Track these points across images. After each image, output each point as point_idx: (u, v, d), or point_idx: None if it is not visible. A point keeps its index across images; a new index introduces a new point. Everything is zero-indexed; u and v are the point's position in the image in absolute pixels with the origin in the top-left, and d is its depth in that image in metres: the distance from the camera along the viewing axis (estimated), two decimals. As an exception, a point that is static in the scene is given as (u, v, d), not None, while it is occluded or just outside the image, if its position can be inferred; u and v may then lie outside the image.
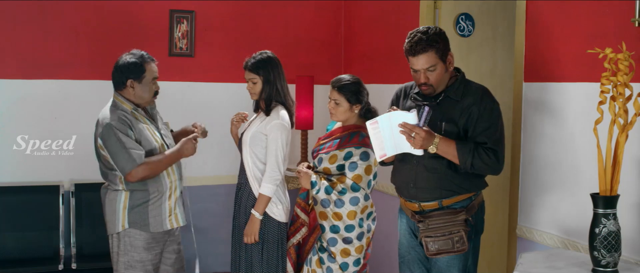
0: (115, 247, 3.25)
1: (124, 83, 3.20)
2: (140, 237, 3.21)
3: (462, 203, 2.83)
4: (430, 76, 2.78)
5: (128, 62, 3.20)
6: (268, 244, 3.38)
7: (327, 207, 3.17)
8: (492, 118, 2.76)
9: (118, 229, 3.20)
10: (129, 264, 3.22)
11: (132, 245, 3.21)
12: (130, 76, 3.19)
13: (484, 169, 2.74)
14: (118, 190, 3.20)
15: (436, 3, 4.05)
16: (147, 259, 3.24)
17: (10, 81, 4.36)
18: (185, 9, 4.71)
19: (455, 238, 2.75)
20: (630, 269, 2.49)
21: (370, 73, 4.60)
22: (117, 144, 3.09)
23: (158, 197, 3.22)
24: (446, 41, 2.80)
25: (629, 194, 2.60)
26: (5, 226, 4.27)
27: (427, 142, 2.70)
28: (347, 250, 3.18)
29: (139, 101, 3.25)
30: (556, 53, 3.03)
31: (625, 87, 2.37)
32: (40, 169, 4.43)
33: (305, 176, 3.23)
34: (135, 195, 3.19)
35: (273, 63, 3.40)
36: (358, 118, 3.27)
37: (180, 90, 4.72)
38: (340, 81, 3.24)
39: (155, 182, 3.20)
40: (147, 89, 3.24)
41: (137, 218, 3.19)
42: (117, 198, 3.19)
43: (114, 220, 3.20)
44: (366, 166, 3.16)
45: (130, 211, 3.18)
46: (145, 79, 3.22)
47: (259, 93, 3.40)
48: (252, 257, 3.39)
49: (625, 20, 2.61)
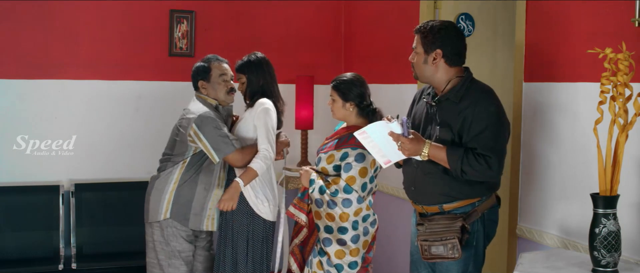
0: (157, 236, 3.40)
1: (197, 85, 3.52)
2: (181, 228, 3.38)
3: (464, 209, 2.78)
4: (413, 56, 2.84)
5: (196, 66, 3.54)
6: (254, 241, 3.46)
7: (321, 207, 3.16)
8: (485, 123, 2.66)
9: (159, 217, 3.37)
10: (172, 254, 3.39)
11: (174, 235, 3.37)
12: (199, 77, 3.51)
13: (475, 176, 2.66)
14: (170, 180, 3.40)
15: (436, 3, 4.05)
16: (188, 250, 3.43)
17: (10, 81, 4.37)
18: (185, 9, 4.71)
19: (449, 245, 2.69)
20: (630, 269, 2.49)
21: (370, 73, 4.59)
22: (214, 131, 3.32)
23: (204, 195, 3.41)
24: (440, 38, 2.76)
25: (629, 194, 2.60)
26: (5, 227, 4.27)
27: (415, 150, 2.70)
28: (341, 251, 3.14)
29: (216, 99, 3.50)
30: (556, 53, 3.02)
31: (625, 87, 2.37)
32: (40, 169, 4.43)
33: (305, 174, 3.23)
34: (183, 187, 3.38)
35: (259, 63, 3.56)
36: (359, 118, 3.24)
37: (180, 90, 4.71)
38: (336, 79, 3.25)
39: (206, 177, 3.41)
40: (218, 87, 3.50)
41: (179, 211, 3.37)
42: (165, 189, 3.39)
43: (157, 208, 3.39)
44: (361, 168, 3.12)
45: (175, 203, 3.37)
46: (213, 77, 3.49)
47: (244, 91, 3.58)
48: (237, 255, 3.45)
49: (625, 20, 2.61)
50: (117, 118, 4.62)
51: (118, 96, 4.61)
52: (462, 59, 2.84)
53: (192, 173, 3.41)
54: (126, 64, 4.62)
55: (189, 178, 3.40)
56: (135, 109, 4.65)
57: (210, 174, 3.43)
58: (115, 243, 4.44)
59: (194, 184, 3.40)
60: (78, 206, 4.42)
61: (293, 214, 3.30)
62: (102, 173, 4.58)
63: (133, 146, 4.65)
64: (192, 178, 3.40)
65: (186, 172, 3.40)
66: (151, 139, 4.68)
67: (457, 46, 2.80)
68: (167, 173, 3.43)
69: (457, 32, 2.83)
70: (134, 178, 4.61)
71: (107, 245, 4.43)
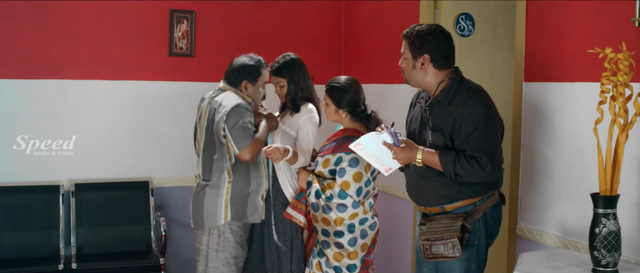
0: (213, 244, 3.36)
1: (239, 83, 3.40)
2: (238, 232, 3.36)
3: (465, 209, 2.77)
4: (402, 62, 2.84)
5: (246, 65, 3.41)
6: (298, 240, 3.41)
7: (317, 211, 3.15)
8: (474, 124, 2.63)
9: (219, 222, 3.32)
10: (227, 260, 3.36)
11: (229, 240, 3.34)
12: (246, 77, 3.40)
13: (469, 178, 2.65)
14: (221, 183, 3.33)
15: (436, 3, 4.05)
16: (241, 255, 3.42)
17: (10, 81, 4.36)
18: (185, 9, 4.71)
19: (449, 244, 2.69)
20: (630, 269, 2.49)
21: (370, 73, 4.61)
22: (240, 123, 3.22)
23: (256, 189, 3.37)
24: (427, 42, 2.74)
25: (629, 194, 2.60)
26: (5, 227, 4.27)
27: (408, 157, 2.71)
28: (339, 254, 3.13)
29: (252, 99, 3.43)
30: (556, 53, 3.02)
31: (625, 87, 2.37)
32: (40, 169, 4.43)
33: (302, 175, 3.22)
34: (238, 186, 3.34)
35: (296, 64, 3.47)
36: (353, 123, 3.21)
37: (180, 90, 4.72)
38: (330, 82, 3.23)
39: (256, 173, 3.36)
40: (258, 92, 3.45)
41: (239, 210, 3.34)
42: (219, 192, 3.33)
43: (215, 214, 3.33)
44: (355, 173, 3.09)
45: (233, 204, 3.32)
46: (258, 83, 3.43)
47: (286, 95, 3.47)
48: (280, 257, 3.40)
49: (625, 20, 2.61)
50: (117, 118, 4.62)
51: (118, 96, 4.61)
52: (451, 61, 2.81)
53: (243, 171, 3.34)
54: (126, 64, 4.62)
55: (241, 177, 3.34)
56: (135, 109, 4.65)
57: (257, 168, 3.37)
58: (115, 243, 4.44)
59: (247, 183, 3.34)
60: (78, 206, 4.42)
61: (291, 215, 3.28)
62: (102, 173, 4.58)
63: (133, 146, 4.65)
64: (244, 176, 3.34)
65: (235, 172, 3.33)
66: (151, 139, 4.69)
67: (445, 49, 2.78)
68: (217, 177, 3.34)
69: (444, 35, 2.79)
70: (134, 178, 4.62)
71: (107, 245, 4.43)
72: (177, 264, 4.69)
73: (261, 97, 3.48)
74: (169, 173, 4.73)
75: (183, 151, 4.65)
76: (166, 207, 4.73)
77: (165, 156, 4.72)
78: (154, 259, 4.29)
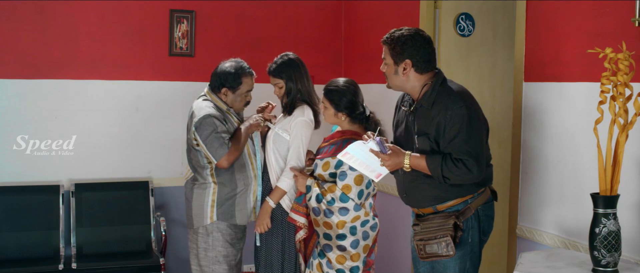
0: (201, 242, 3.37)
1: (219, 89, 3.38)
2: (227, 231, 3.35)
3: (457, 207, 2.78)
4: (384, 67, 2.84)
5: (227, 72, 3.37)
6: (290, 244, 3.40)
7: (318, 216, 3.15)
8: (457, 126, 2.63)
9: (206, 222, 3.33)
10: (216, 259, 3.36)
11: (218, 239, 3.35)
12: (226, 84, 3.37)
13: (457, 180, 2.66)
14: (207, 184, 3.34)
15: (436, 3, 4.05)
16: (232, 254, 3.41)
17: (10, 81, 4.37)
18: (185, 9, 4.71)
19: (442, 243, 2.70)
20: (630, 269, 2.49)
21: (371, 73, 4.60)
22: (212, 134, 3.22)
23: (245, 190, 3.37)
24: (408, 48, 2.74)
25: (629, 194, 2.60)
26: (5, 226, 4.27)
27: (396, 164, 2.73)
28: (342, 257, 3.14)
29: (231, 106, 3.41)
30: (556, 53, 3.03)
31: (625, 87, 2.37)
32: (40, 169, 4.43)
33: (301, 179, 3.22)
34: (224, 188, 3.34)
35: (295, 65, 3.41)
36: (352, 125, 3.22)
37: (180, 90, 4.72)
38: (328, 85, 3.22)
39: (242, 174, 3.35)
40: (239, 100, 3.42)
41: (225, 211, 3.33)
42: (205, 192, 3.34)
43: (202, 213, 3.34)
44: (356, 176, 3.08)
45: (219, 205, 3.33)
46: (239, 91, 3.40)
47: (284, 96, 3.43)
48: (271, 258, 3.41)
49: (625, 20, 2.61)
50: (117, 118, 4.62)
51: (118, 96, 4.61)
52: (432, 65, 2.81)
53: (227, 173, 3.33)
54: (126, 64, 4.62)
55: (225, 179, 3.34)
56: (135, 109, 4.65)
57: (243, 170, 3.37)
58: (115, 243, 4.44)
59: (232, 184, 3.34)
60: (78, 206, 4.42)
61: (295, 220, 3.28)
62: (102, 173, 4.58)
63: (133, 146, 4.65)
64: (228, 178, 3.34)
65: (219, 175, 3.33)
66: (151, 139, 4.69)
67: (426, 53, 2.77)
68: (203, 177, 3.36)
69: (424, 40, 2.79)
70: (134, 178, 4.62)
71: (107, 245, 4.43)
72: (177, 264, 4.69)
73: (243, 104, 3.45)
74: (169, 173, 4.73)
75: (183, 151, 4.60)
76: (166, 207, 4.73)
77: (165, 156, 4.72)
78: (154, 259, 4.29)
